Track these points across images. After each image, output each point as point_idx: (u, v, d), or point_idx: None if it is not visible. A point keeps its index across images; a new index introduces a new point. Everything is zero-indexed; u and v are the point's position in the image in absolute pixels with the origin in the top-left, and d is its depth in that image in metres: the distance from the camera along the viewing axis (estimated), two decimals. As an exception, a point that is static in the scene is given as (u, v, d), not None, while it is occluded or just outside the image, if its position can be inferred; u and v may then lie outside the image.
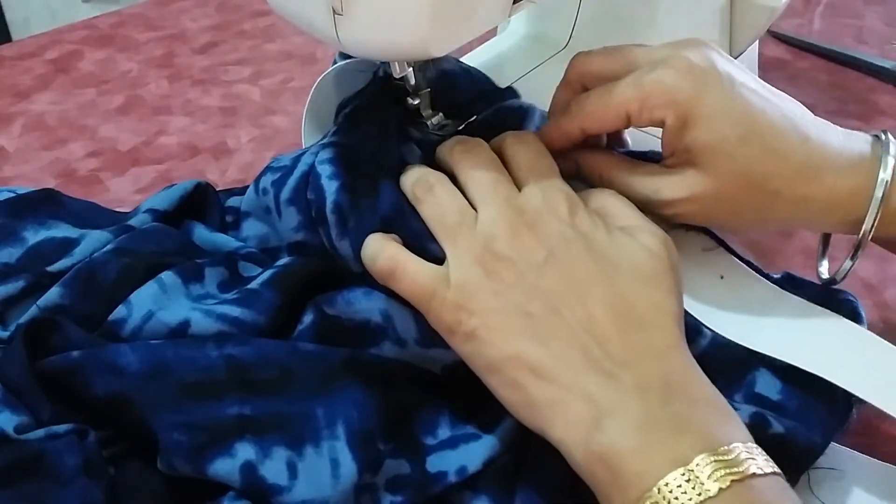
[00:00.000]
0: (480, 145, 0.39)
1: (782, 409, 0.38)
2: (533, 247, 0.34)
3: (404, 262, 0.35)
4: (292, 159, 0.44)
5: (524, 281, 0.33)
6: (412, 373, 0.38)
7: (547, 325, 0.32)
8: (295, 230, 0.42)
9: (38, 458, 0.32)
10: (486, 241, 0.34)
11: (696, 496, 0.27)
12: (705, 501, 0.27)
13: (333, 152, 0.41)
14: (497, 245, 0.34)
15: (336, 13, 0.34)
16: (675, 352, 0.32)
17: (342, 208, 0.39)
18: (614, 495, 0.29)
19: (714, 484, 0.27)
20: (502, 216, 0.35)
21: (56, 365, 0.35)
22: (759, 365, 0.40)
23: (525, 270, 0.33)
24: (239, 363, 0.35)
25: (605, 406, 0.30)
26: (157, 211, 0.45)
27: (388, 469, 0.35)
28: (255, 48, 0.76)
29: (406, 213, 0.38)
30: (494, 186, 0.36)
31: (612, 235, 0.35)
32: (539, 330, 0.32)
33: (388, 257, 0.36)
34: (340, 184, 0.39)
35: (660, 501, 0.27)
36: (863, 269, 0.50)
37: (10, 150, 0.62)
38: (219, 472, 0.33)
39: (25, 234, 0.43)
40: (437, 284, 0.34)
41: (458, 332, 0.34)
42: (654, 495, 0.27)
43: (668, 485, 0.27)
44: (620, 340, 0.31)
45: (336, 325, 0.38)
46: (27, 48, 0.76)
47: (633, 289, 0.33)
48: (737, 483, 0.27)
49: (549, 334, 0.32)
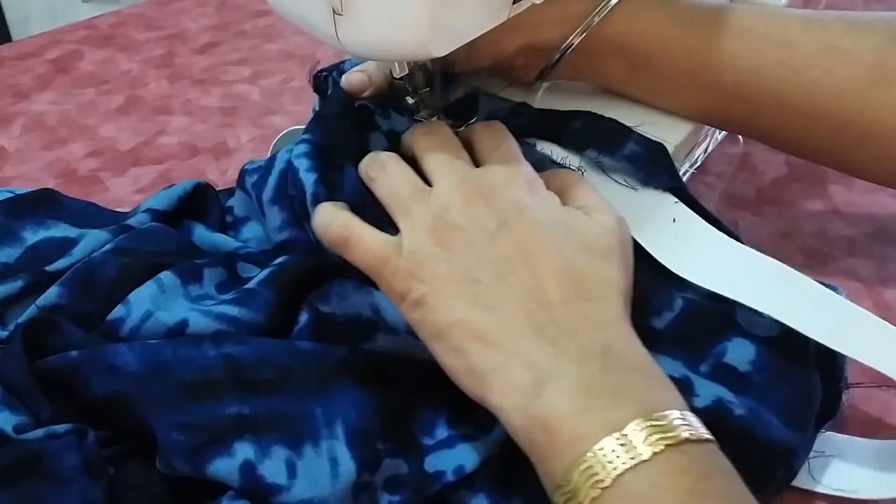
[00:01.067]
0: (441, 127, 0.39)
1: (747, 384, 0.37)
2: (486, 215, 0.34)
3: (358, 231, 0.36)
4: (267, 161, 0.45)
5: (474, 249, 0.33)
6: (410, 372, 0.38)
7: (494, 292, 0.32)
8: (279, 229, 0.43)
9: (38, 457, 0.32)
10: (440, 211, 0.34)
11: (630, 460, 0.27)
12: (639, 465, 0.27)
13: (308, 147, 0.42)
14: (450, 214, 0.34)
15: (336, 13, 0.34)
16: (617, 324, 0.32)
17: (320, 200, 0.39)
18: (551, 460, 0.29)
19: (648, 448, 0.27)
20: (457, 188, 0.35)
21: (55, 365, 0.35)
22: (735, 334, 0.39)
23: (476, 238, 0.33)
24: (237, 362, 0.35)
25: (547, 371, 0.30)
26: (157, 211, 0.45)
27: (387, 468, 0.35)
28: (255, 48, 0.76)
29: (368, 200, 0.38)
30: (451, 162, 0.36)
31: (568, 211, 0.36)
32: (486, 296, 0.32)
33: (341, 225, 0.36)
34: (318, 176, 0.40)
35: (594, 465, 0.28)
36: (863, 269, 0.50)
37: (10, 150, 0.62)
38: (218, 472, 0.33)
39: (24, 234, 0.43)
40: (389, 253, 0.34)
41: (408, 299, 0.34)
42: (589, 459, 0.28)
43: (602, 449, 0.28)
44: (566, 309, 0.32)
45: (331, 322, 0.38)
46: (27, 48, 0.76)
47: (583, 261, 0.33)
48: (670, 448, 0.27)
49: (495, 301, 0.32)
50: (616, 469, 0.27)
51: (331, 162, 0.41)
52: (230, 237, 0.46)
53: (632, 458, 0.27)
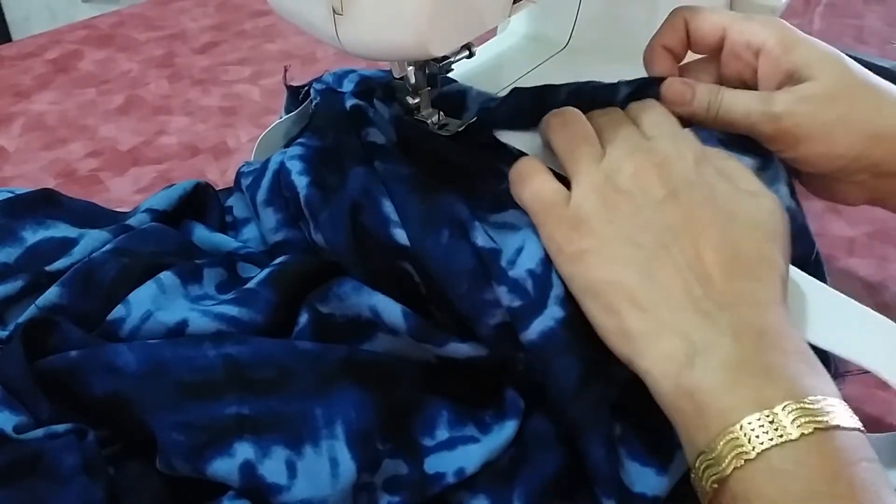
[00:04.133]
0: (614, 108, 0.40)
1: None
2: (655, 185, 0.34)
3: (538, 173, 0.37)
4: (261, 163, 0.45)
5: (640, 214, 0.34)
6: (410, 372, 0.38)
7: (654, 259, 0.33)
8: (274, 230, 0.43)
9: (38, 457, 0.32)
10: (611, 173, 0.35)
11: (778, 437, 0.27)
12: (786, 444, 0.27)
13: (301, 150, 0.42)
14: (620, 178, 0.35)
15: (336, 13, 0.34)
16: (774, 307, 0.32)
17: (312, 204, 0.40)
18: (696, 431, 0.30)
19: (796, 429, 0.27)
20: (631, 154, 0.36)
21: (55, 365, 0.35)
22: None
23: (643, 204, 0.34)
24: (237, 362, 0.35)
25: (699, 344, 0.31)
26: (157, 211, 0.45)
27: (386, 469, 0.35)
28: (255, 48, 0.76)
29: (373, 198, 0.39)
30: (627, 132, 0.37)
31: (736, 190, 0.35)
32: (645, 262, 0.33)
33: (528, 163, 0.38)
34: (310, 180, 0.40)
35: (740, 437, 0.28)
36: (863, 269, 0.50)
37: (10, 150, 0.62)
38: (218, 472, 0.33)
39: (24, 234, 0.43)
40: (558, 200, 0.36)
41: (566, 251, 0.34)
42: (735, 431, 0.28)
43: (750, 423, 0.28)
44: (724, 284, 0.32)
45: (330, 323, 0.38)
46: (27, 48, 0.76)
47: (746, 240, 0.33)
48: (819, 431, 0.27)
49: (654, 267, 0.33)
50: (762, 444, 0.27)
51: (324, 165, 0.41)
52: (230, 237, 0.46)
53: (780, 436, 0.27)
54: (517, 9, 0.39)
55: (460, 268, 0.36)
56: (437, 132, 0.45)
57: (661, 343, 0.31)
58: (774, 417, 0.28)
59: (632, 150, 0.36)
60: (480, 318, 0.36)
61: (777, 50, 0.39)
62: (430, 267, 0.37)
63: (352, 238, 0.39)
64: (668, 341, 0.31)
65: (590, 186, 0.35)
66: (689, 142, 0.37)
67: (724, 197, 0.35)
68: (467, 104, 0.46)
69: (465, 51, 0.44)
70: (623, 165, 0.35)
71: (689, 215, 0.33)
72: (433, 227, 0.37)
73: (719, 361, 0.30)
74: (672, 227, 0.33)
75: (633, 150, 0.36)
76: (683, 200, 0.34)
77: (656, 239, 0.33)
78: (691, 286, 0.32)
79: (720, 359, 0.30)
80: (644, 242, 0.33)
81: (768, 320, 0.31)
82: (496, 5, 0.37)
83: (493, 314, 0.36)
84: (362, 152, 0.42)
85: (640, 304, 0.32)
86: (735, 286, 0.32)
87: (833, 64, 0.39)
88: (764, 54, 0.39)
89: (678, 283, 0.32)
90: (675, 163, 0.35)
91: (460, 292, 0.36)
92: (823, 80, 0.38)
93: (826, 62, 0.38)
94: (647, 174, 0.35)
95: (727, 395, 0.29)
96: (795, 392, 0.29)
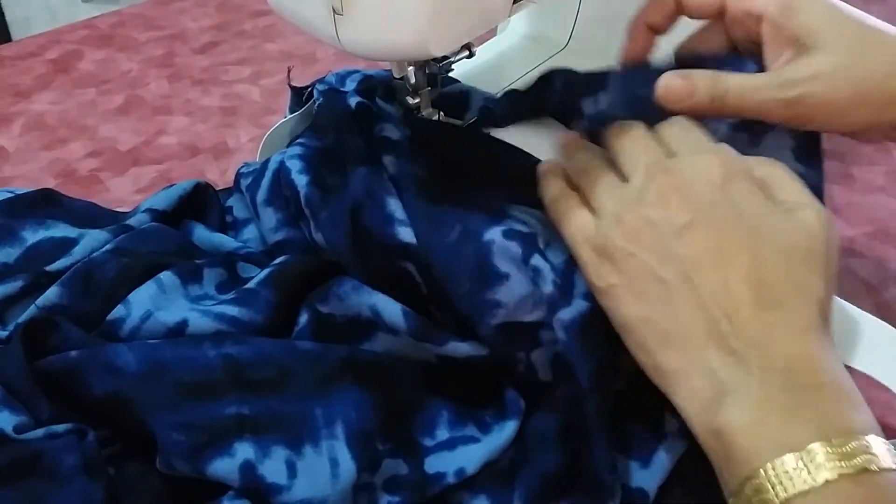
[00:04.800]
0: (635, 124, 0.38)
1: None
2: (677, 210, 0.33)
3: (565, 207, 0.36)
4: (261, 163, 0.45)
5: (661, 245, 0.32)
6: (410, 372, 0.38)
7: (679, 293, 0.31)
8: (274, 230, 0.43)
9: (38, 457, 0.32)
10: (632, 203, 0.34)
11: (802, 483, 0.26)
12: (810, 490, 0.26)
13: (300, 150, 0.42)
14: (641, 208, 0.33)
15: (336, 13, 0.34)
16: (807, 335, 0.30)
17: (312, 203, 0.40)
18: (726, 469, 0.29)
19: (822, 474, 0.26)
20: (651, 180, 0.34)
21: (54, 365, 0.35)
22: None
23: (665, 233, 0.32)
24: (237, 362, 0.35)
25: (727, 384, 0.30)
26: (156, 211, 0.45)
27: (386, 469, 0.35)
28: (255, 48, 0.76)
29: (377, 198, 0.39)
30: (644, 152, 0.35)
31: (768, 207, 0.33)
32: (670, 297, 0.32)
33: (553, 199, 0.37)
34: (310, 179, 0.40)
35: (764, 483, 0.27)
36: (863, 269, 0.50)
37: (10, 150, 0.62)
38: (218, 472, 0.33)
39: (24, 234, 0.43)
40: (587, 235, 0.35)
41: (597, 287, 0.34)
42: (760, 476, 0.27)
43: (775, 469, 0.27)
44: (752, 316, 0.30)
45: (330, 323, 0.38)
46: (27, 48, 0.76)
47: (776, 264, 0.31)
48: (844, 477, 0.26)
49: (678, 303, 0.31)
50: (786, 492, 0.27)
51: (324, 164, 0.41)
52: (230, 237, 0.46)
53: (804, 482, 0.26)
54: (517, 9, 0.39)
55: (463, 267, 0.36)
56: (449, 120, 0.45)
57: (691, 382, 0.31)
58: (800, 463, 0.27)
59: (652, 173, 0.34)
60: (482, 317, 0.36)
61: (778, 16, 0.37)
62: (434, 265, 0.37)
63: (352, 237, 0.39)
64: (696, 380, 0.30)
65: (612, 217, 0.34)
66: (718, 156, 0.34)
67: (753, 217, 0.32)
68: (470, 104, 0.46)
69: (465, 51, 0.44)
70: (644, 192, 0.34)
71: (712, 243, 0.32)
72: (441, 225, 0.37)
73: (746, 402, 0.29)
74: (694, 259, 0.32)
75: (654, 173, 0.34)
76: (704, 227, 0.32)
77: (679, 272, 0.32)
78: (717, 321, 0.30)
79: (747, 399, 0.29)
80: (667, 276, 0.32)
81: (798, 352, 0.30)
82: (496, 5, 0.37)
83: (494, 314, 0.36)
84: (365, 151, 0.42)
85: (668, 342, 0.31)
86: (764, 318, 0.30)
87: (840, 27, 0.36)
88: (766, 21, 0.37)
89: (703, 320, 0.31)
90: (698, 183, 0.33)
91: (462, 291, 0.36)
92: (833, 51, 0.36)
93: (832, 26, 0.36)
94: (667, 198, 0.33)
95: (753, 437, 0.28)
96: (825, 431, 0.27)
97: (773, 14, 0.37)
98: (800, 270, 0.31)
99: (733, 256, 0.31)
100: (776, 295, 0.31)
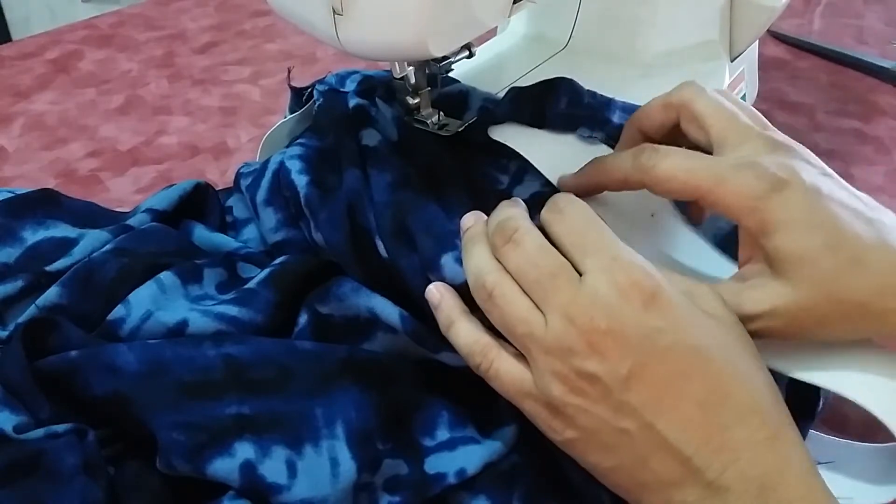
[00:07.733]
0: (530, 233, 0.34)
1: None
2: (615, 359, 0.31)
3: (496, 364, 0.34)
4: (261, 163, 0.45)
5: (611, 398, 0.31)
6: (410, 372, 0.38)
7: (642, 442, 0.31)
8: (274, 230, 0.43)
9: (38, 457, 0.32)
10: (564, 355, 0.31)
11: None
12: None
13: (300, 150, 0.42)
14: (576, 361, 0.31)
15: (336, 13, 0.34)
16: (771, 443, 0.30)
17: (312, 203, 0.40)
18: None
19: None
20: (572, 324, 0.31)
21: (55, 365, 0.35)
22: None
23: (611, 386, 0.31)
24: (237, 362, 0.35)
25: None
26: (156, 211, 0.45)
27: (387, 469, 0.35)
28: (255, 48, 0.77)
29: (365, 202, 0.39)
30: (552, 286, 0.32)
31: (693, 313, 0.32)
32: (635, 446, 0.31)
33: (480, 354, 0.34)
34: (309, 179, 0.40)
35: None
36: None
37: (10, 150, 0.62)
38: (218, 472, 0.33)
39: (24, 234, 0.43)
40: (527, 390, 0.33)
41: (556, 438, 0.33)
42: None
43: None
44: (720, 438, 0.30)
45: (330, 323, 0.38)
46: (27, 48, 0.76)
47: (725, 376, 0.31)
48: None
49: (646, 451, 0.31)
50: None
51: (323, 164, 0.41)
52: (230, 237, 0.46)
53: None
54: (517, 9, 0.39)
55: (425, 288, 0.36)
56: (438, 132, 0.45)
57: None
58: None
59: (571, 317, 0.31)
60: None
61: (754, 229, 0.34)
62: (406, 283, 0.37)
63: (350, 238, 0.39)
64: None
65: (549, 373, 0.32)
66: (624, 266, 0.32)
67: (685, 331, 0.31)
68: (470, 104, 0.46)
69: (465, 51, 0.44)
70: (571, 342, 0.31)
71: (661, 381, 0.31)
72: (406, 244, 0.37)
73: None
74: (649, 404, 0.30)
75: (573, 317, 0.31)
76: (650, 366, 0.31)
77: (638, 421, 0.31)
78: (689, 459, 0.30)
79: None
80: (627, 426, 0.31)
81: (767, 465, 0.30)
82: (496, 5, 0.37)
83: None
84: (359, 154, 0.42)
85: (644, 486, 0.31)
86: (726, 440, 0.30)
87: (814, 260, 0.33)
88: (742, 228, 0.35)
89: (675, 461, 0.30)
90: (623, 314, 0.31)
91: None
92: (799, 286, 0.33)
93: (807, 259, 0.33)
94: (599, 346, 0.31)
95: None
96: None
97: (750, 226, 0.34)
98: (742, 374, 0.31)
99: (685, 385, 0.30)
100: (732, 411, 0.30)
